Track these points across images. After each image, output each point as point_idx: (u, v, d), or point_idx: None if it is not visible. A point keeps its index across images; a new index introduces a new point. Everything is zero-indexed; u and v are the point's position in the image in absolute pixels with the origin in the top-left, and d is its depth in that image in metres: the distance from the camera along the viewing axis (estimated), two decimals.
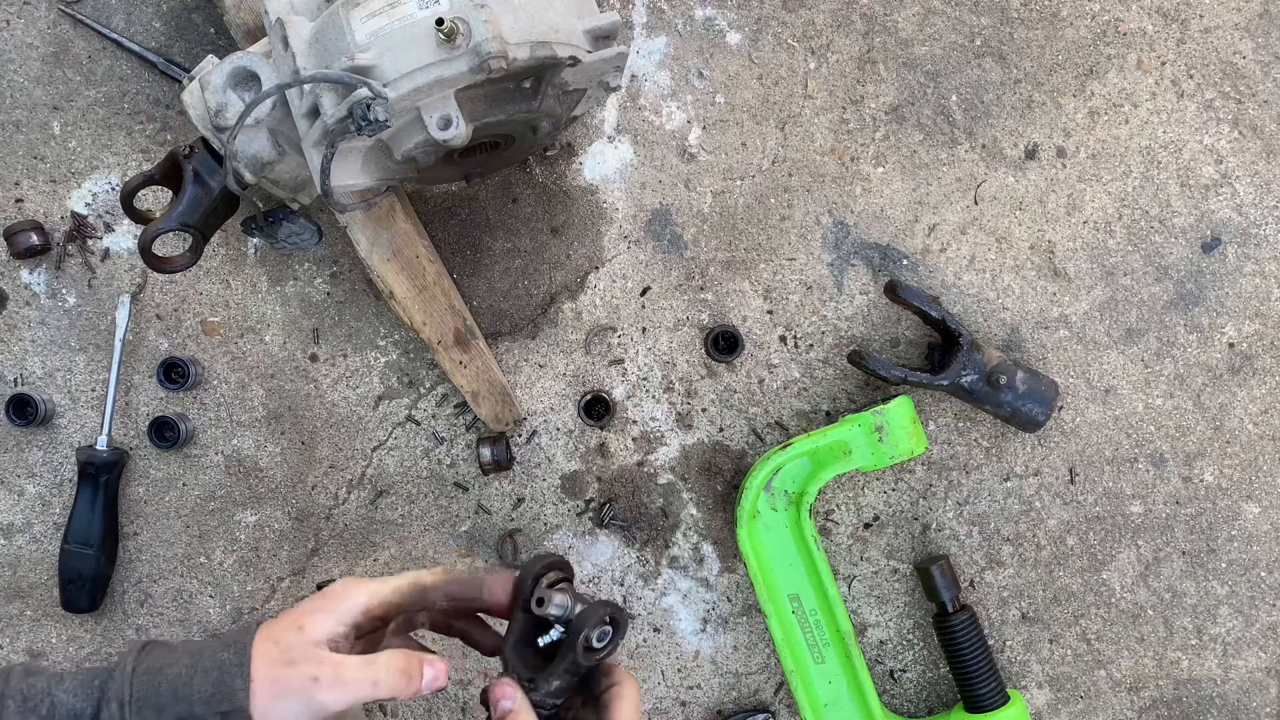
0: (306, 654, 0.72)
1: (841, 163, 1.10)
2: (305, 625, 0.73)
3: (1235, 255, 1.09)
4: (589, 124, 1.10)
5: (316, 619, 0.73)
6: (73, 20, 1.10)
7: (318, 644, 0.72)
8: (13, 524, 1.11)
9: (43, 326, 1.11)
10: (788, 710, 1.09)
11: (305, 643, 0.72)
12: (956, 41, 1.10)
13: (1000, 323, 1.09)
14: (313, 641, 0.72)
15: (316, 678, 0.71)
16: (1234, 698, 1.09)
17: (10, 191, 1.10)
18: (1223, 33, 1.10)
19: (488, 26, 0.80)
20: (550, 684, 0.78)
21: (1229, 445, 1.09)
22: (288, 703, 0.71)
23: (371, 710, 1.09)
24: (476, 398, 1.06)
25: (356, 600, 0.75)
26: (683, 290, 1.10)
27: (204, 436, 1.10)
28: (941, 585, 1.04)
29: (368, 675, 0.72)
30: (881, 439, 1.00)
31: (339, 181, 0.91)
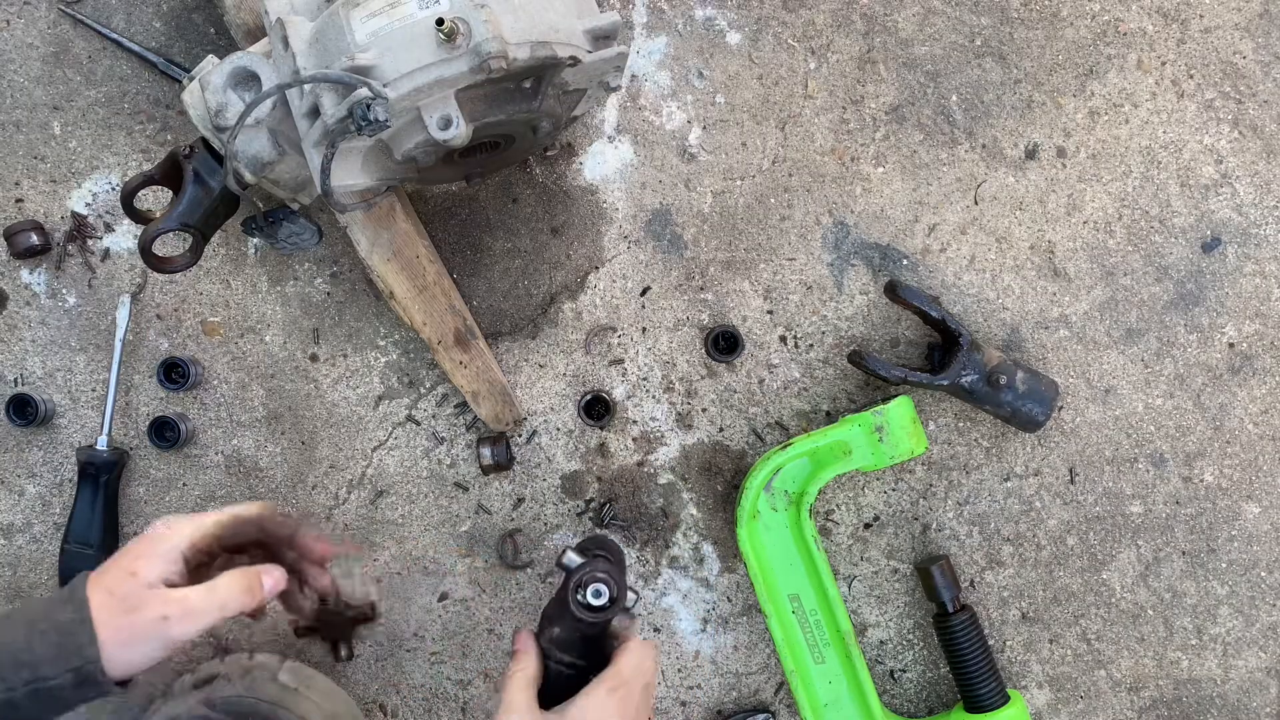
0: (148, 597, 0.74)
1: (841, 163, 1.10)
2: (138, 570, 0.75)
3: (1235, 255, 1.09)
4: (589, 124, 1.10)
5: (146, 563, 0.75)
6: (73, 20, 1.10)
7: (153, 586, 0.75)
8: (13, 524, 1.10)
9: (43, 326, 1.11)
10: (788, 710, 1.09)
11: (141, 588, 0.74)
12: (956, 41, 1.10)
13: (1000, 323, 1.09)
14: (148, 584, 0.75)
15: (166, 616, 0.74)
16: (1234, 698, 1.09)
17: (10, 191, 1.10)
18: (1223, 33, 1.10)
19: (488, 26, 0.80)
20: (552, 631, 0.85)
21: (1229, 445, 1.09)
22: (140, 646, 0.74)
23: (372, 710, 1.09)
24: (476, 398, 1.06)
25: (181, 536, 0.78)
26: (683, 290, 1.10)
27: (204, 436, 1.10)
28: (941, 585, 1.04)
29: (214, 601, 0.76)
30: (881, 439, 1.00)
31: (339, 181, 0.91)
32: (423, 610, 1.10)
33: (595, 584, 0.84)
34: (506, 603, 1.10)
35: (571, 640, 0.85)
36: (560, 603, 0.86)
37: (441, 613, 1.10)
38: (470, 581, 1.10)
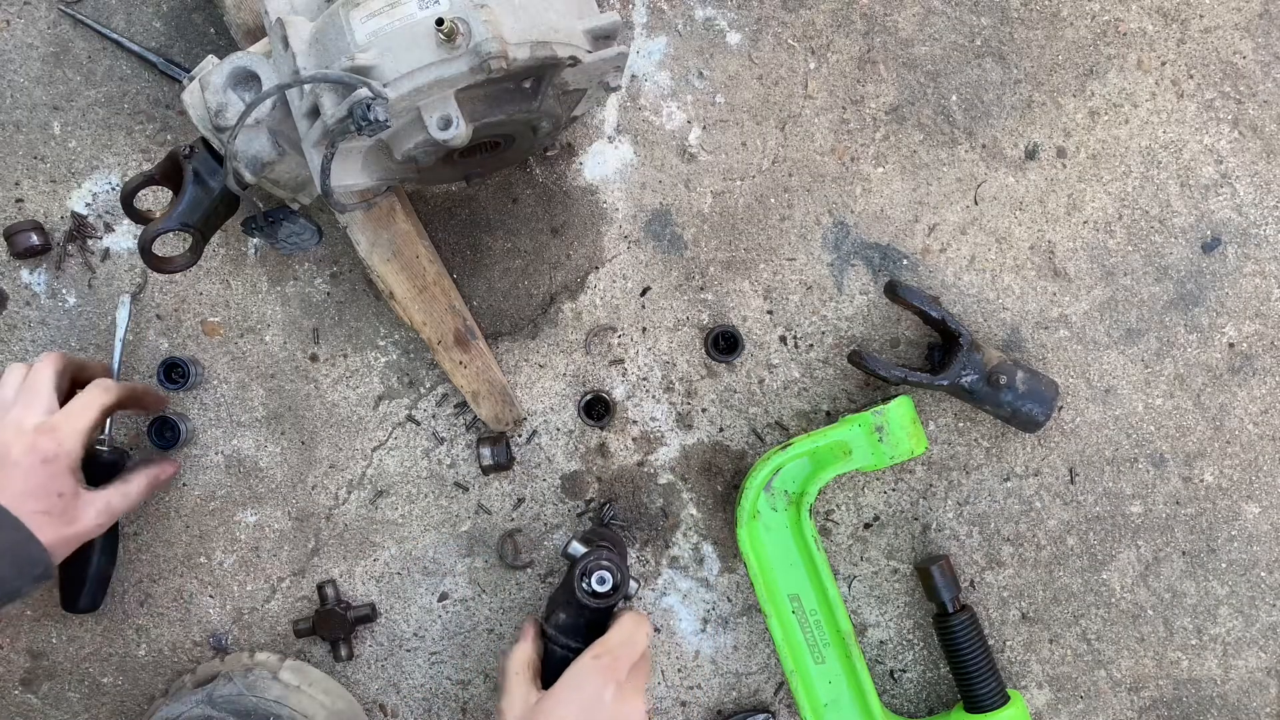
0: (79, 507, 0.93)
1: (841, 163, 1.10)
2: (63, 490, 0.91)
3: (1235, 255, 1.09)
4: (589, 124, 1.10)
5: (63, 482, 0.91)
6: (73, 20, 1.10)
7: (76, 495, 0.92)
8: None
9: (43, 326, 1.10)
10: (788, 710, 1.09)
11: (71, 500, 0.92)
12: (956, 41, 1.10)
13: (1000, 323, 1.09)
14: (73, 495, 0.92)
15: (101, 523, 0.95)
16: (1234, 698, 1.09)
17: (10, 191, 1.10)
18: (1223, 33, 1.10)
19: (488, 26, 0.80)
20: (558, 617, 0.91)
21: (1229, 445, 1.09)
22: (76, 542, 0.94)
23: (372, 710, 1.09)
24: (476, 398, 1.06)
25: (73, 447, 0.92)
26: (683, 290, 1.10)
27: (204, 436, 1.10)
28: (941, 585, 1.04)
29: (131, 502, 0.98)
30: (881, 439, 1.00)
31: (339, 181, 0.91)
32: (423, 610, 1.10)
33: (600, 571, 0.90)
34: (506, 603, 1.10)
35: (576, 625, 0.91)
36: (566, 589, 0.91)
37: (441, 613, 1.10)
38: (470, 581, 1.10)
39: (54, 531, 0.90)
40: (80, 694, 1.10)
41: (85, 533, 0.94)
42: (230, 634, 1.09)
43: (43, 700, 1.10)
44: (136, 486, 0.99)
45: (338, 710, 1.03)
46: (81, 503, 0.93)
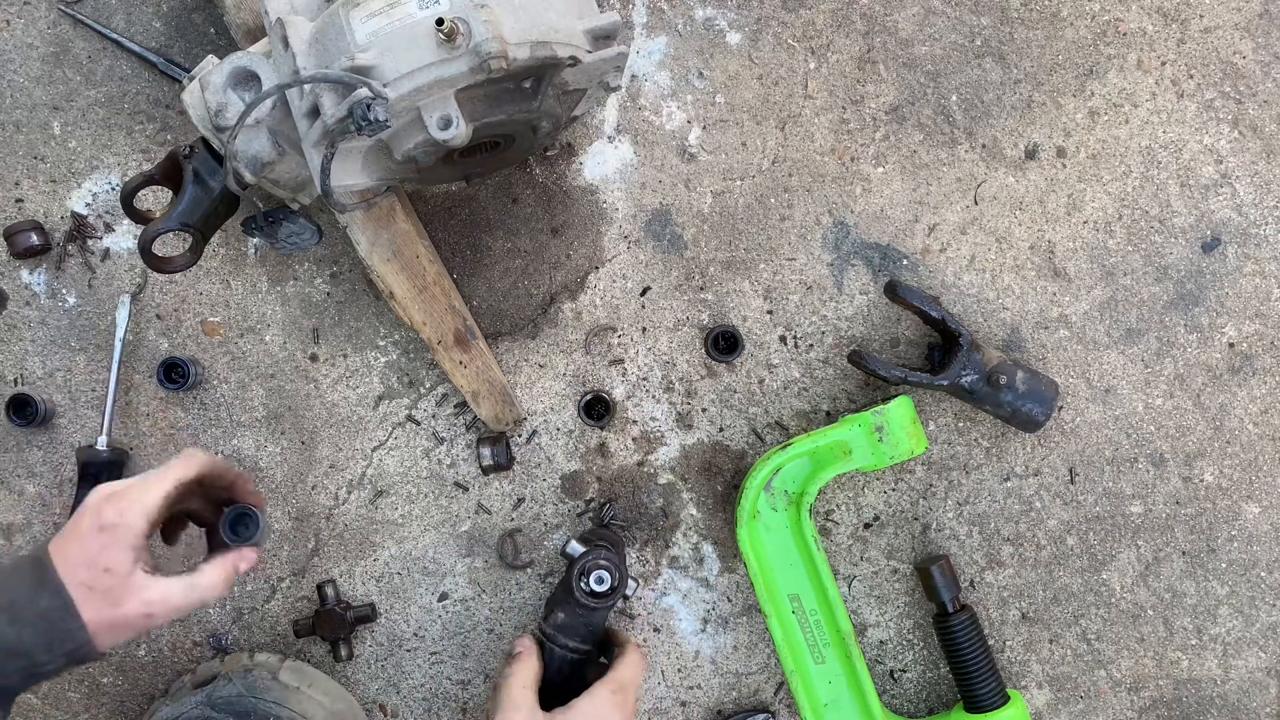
0: (129, 590, 0.78)
1: (841, 163, 1.10)
2: (112, 566, 0.77)
3: (1235, 255, 1.09)
4: (589, 124, 1.10)
5: (117, 556, 0.78)
6: (73, 20, 1.10)
7: (131, 575, 0.78)
8: (13, 524, 1.10)
9: (43, 326, 1.11)
10: (788, 710, 1.09)
11: (122, 579, 0.77)
12: (956, 41, 1.10)
13: (1000, 323, 1.09)
14: (126, 574, 0.78)
15: (150, 614, 0.78)
16: (1234, 698, 1.09)
17: (10, 191, 1.10)
18: (1223, 33, 1.10)
19: (488, 26, 0.80)
20: (556, 617, 0.91)
21: (1229, 445, 1.09)
22: (125, 632, 0.79)
23: (372, 710, 1.09)
24: (476, 398, 1.06)
25: (136, 523, 0.79)
26: (683, 290, 1.10)
27: (204, 436, 1.10)
28: (941, 585, 1.04)
29: (195, 597, 0.81)
30: (881, 439, 1.00)
31: (339, 181, 0.91)
32: (423, 610, 1.10)
33: (598, 570, 0.91)
34: (506, 603, 1.10)
35: (574, 626, 0.91)
36: (565, 589, 0.92)
37: (441, 613, 1.10)
38: (470, 581, 1.10)
39: (96, 610, 0.77)
40: (80, 694, 1.10)
41: (132, 621, 0.78)
42: (230, 634, 1.09)
43: (43, 700, 1.10)
44: (208, 579, 0.82)
45: (337, 711, 1.03)
46: (133, 585, 0.78)
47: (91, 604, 0.76)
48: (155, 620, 0.79)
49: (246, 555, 0.85)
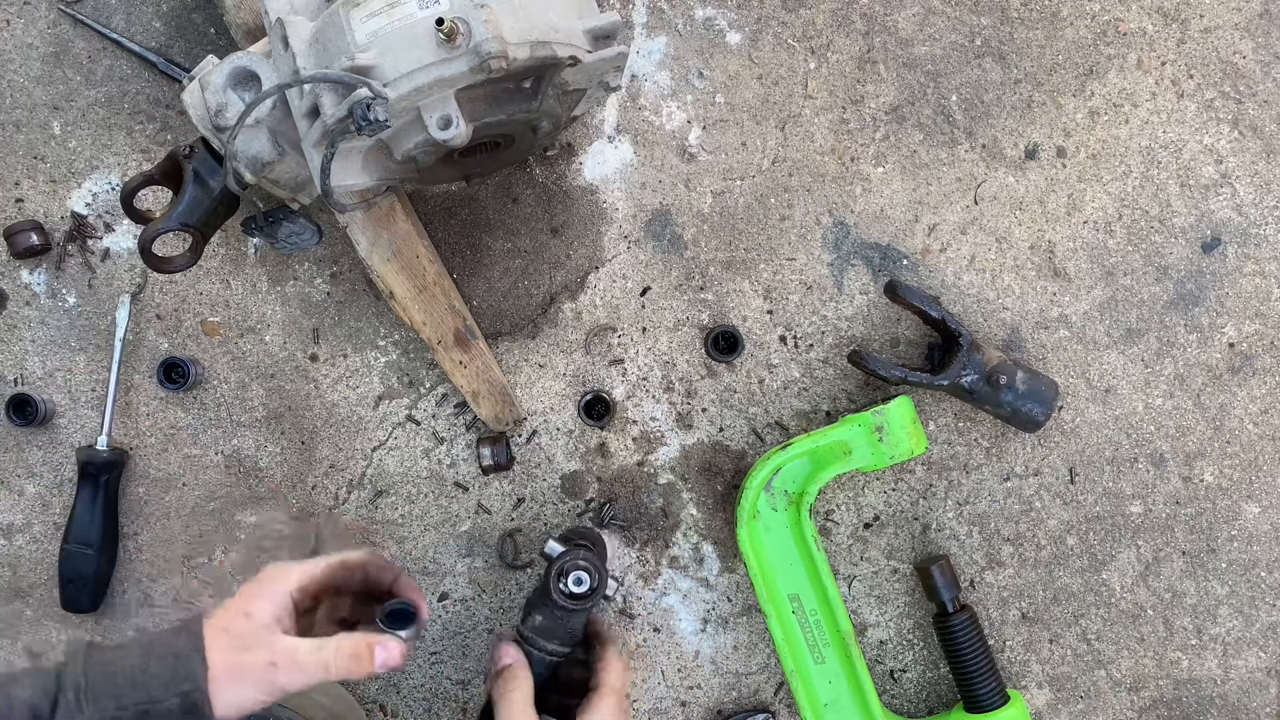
0: (259, 639, 0.76)
1: (841, 163, 1.10)
2: (251, 611, 0.77)
3: (1235, 255, 1.09)
4: (589, 124, 1.10)
5: (260, 604, 0.78)
6: (73, 20, 1.10)
7: (267, 628, 0.77)
8: (13, 524, 1.11)
9: (43, 326, 1.11)
10: (788, 710, 1.09)
11: (255, 628, 0.76)
12: (956, 41, 1.10)
13: (1000, 323, 1.09)
14: (262, 626, 0.77)
15: (274, 663, 0.75)
16: (1234, 698, 1.09)
17: (10, 191, 1.10)
18: (1223, 33, 1.10)
19: (488, 26, 0.80)
20: (534, 620, 0.88)
21: (1229, 445, 1.09)
22: (246, 687, 0.75)
23: (372, 710, 1.09)
24: (476, 398, 1.06)
25: (289, 580, 0.80)
26: (683, 290, 1.10)
27: (204, 436, 1.10)
28: (941, 585, 1.04)
29: (321, 659, 0.77)
30: (881, 439, 1.00)
31: (339, 181, 0.91)
32: None
33: (577, 571, 0.87)
34: (506, 603, 1.10)
35: (553, 628, 0.88)
36: (543, 592, 0.89)
37: (441, 613, 1.10)
38: (470, 581, 1.10)
39: (222, 653, 0.74)
40: None
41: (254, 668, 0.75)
42: None
43: None
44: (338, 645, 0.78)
45: (338, 711, 1.03)
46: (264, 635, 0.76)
47: (220, 647, 0.75)
48: (278, 675, 0.75)
49: (389, 645, 0.79)
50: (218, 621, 0.77)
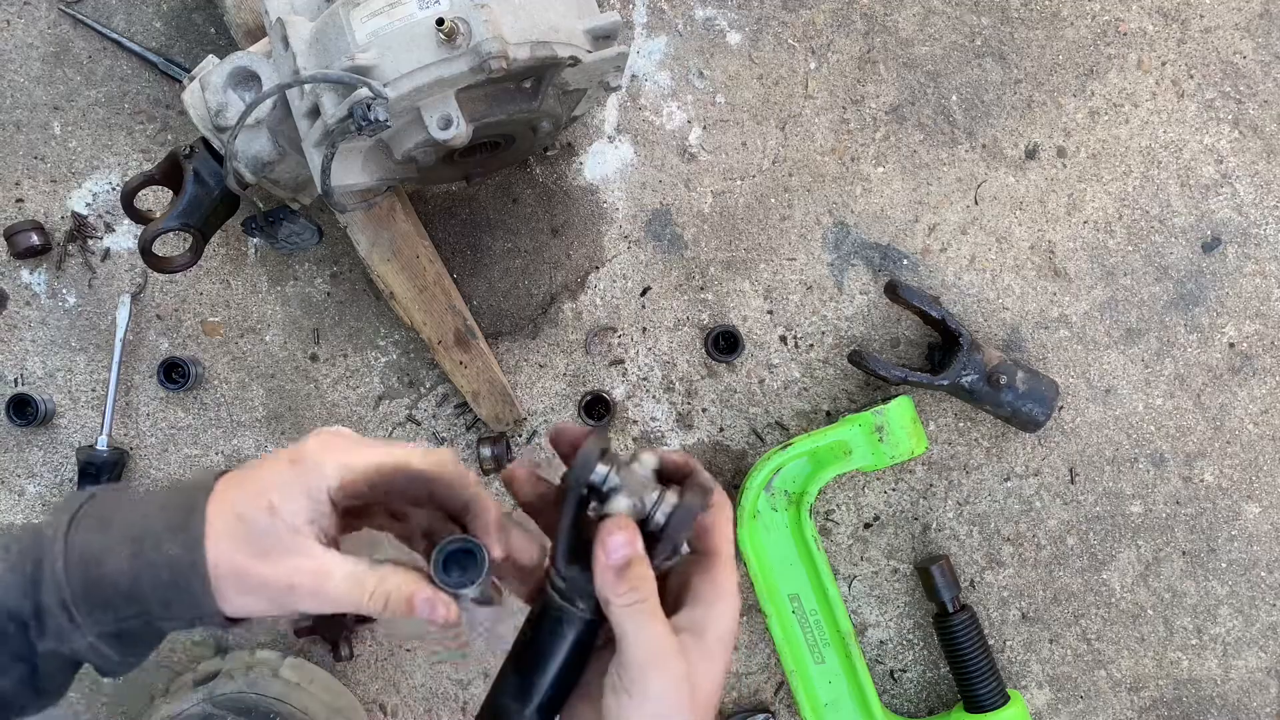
0: (281, 544, 0.59)
1: (842, 163, 1.10)
2: (276, 504, 0.59)
3: (1235, 255, 1.09)
4: (589, 124, 1.10)
5: (288, 497, 0.59)
6: (73, 20, 1.10)
7: (295, 531, 0.59)
8: (13, 524, 1.10)
9: (43, 326, 1.11)
10: (788, 710, 1.09)
11: (280, 529, 0.59)
12: (957, 41, 1.10)
13: (1000, 323, 1.09)
14: (289, 528, 0.59)
15: (293, 585, 0.59)
16: (1234, 698, 1.09)
17: (10, 191, 1.10)
18: (1223, 33, 1.10)
19: (488, 26, 0.80)
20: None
21: (1229, 445, 1.09)
22: (256, 600, 0.60)
23: (372, 710, 1.09)
24: (476, 398, 1.06)
25: (328, 469, 0.60)
26: (683, 290, 1.10)
27: (204, 436, 1.10)
28: (942, 585, 1.04)
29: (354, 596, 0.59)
30: (882, 439, 1.00)
31: (339, 181, 0.91)
32: None
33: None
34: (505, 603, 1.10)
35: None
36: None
37: None
38: None
39: (230, 553, 0.58)
40: (80, 693, 1.10)
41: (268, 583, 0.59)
42: (231, 634, 1.09)
43: None
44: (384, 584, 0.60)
45: (338, 707, 1.03)
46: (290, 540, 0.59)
47: (230, 543, 0.58)
48: (298, 599, 0.59)
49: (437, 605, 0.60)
50: (231, 504, 0.59)
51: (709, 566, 0.61)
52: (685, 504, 0.60)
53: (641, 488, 0.60)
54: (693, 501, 0.60)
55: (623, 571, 0.58)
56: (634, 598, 0.58)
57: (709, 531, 0.62)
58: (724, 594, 0.61)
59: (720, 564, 0.62)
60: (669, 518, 0.60)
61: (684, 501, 0.60)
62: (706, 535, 0.62)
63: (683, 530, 0.59)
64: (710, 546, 0.62)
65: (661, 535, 0.60)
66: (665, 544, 0.60)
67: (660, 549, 0.59)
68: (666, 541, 0.60)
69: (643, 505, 0.60)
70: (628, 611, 0.57)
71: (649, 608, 0.58)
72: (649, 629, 0.57)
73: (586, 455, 0.60)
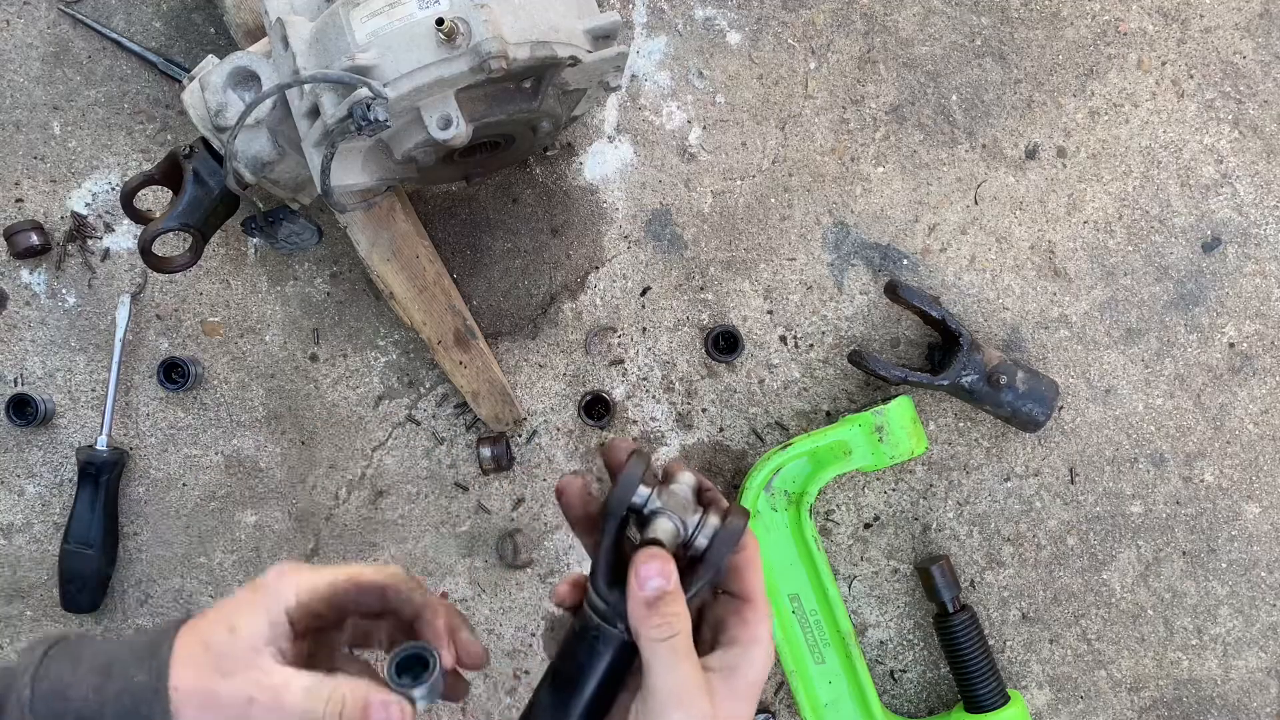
0: (241, 663, 0.61)
1: (842, 163, 1.10)
2: (237, 626, 0.62)
3: (1235, 255, 1.09)
4: (589, 124, 1.10)
5: (248, 618, 0.62)
6: (73, 20, 1.10)
7: (254, 650, 0.61)
8: (13, 524, 1.10)
9: (43, 326, 1.10)
10: (788, 710, 1.09)
11: (240, 649, 0.61)
12: (957, 41, 1.10)
13: (1000, 323, 1.09)
14: (249, 647, 0.61)
15: (252, 698, 0.60)
16: (1234, 698, 1.09)
17: (10, 191, 1.10)
18: (1223, 33, 1.10)
19: (488, 26, 0.80)
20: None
21: (1229, 445, 1.09)
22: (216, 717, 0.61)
23: None
24: (476, 398, 1.06)
25: (285, 592, 0.63)
26: (683, 290, 1.10)
27: (204, 436, 1.10)
28: (942, 585, 1.04)
29: (309, 707, 0.60)
30: (882, 439, 1.00)
31: (339, 181, 0.91)
32: None
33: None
34: (506, 603, 1.10)
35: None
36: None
37: None
38: (470, 582, 1.10)
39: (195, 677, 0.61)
40: None
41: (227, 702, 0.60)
42: None
43: None
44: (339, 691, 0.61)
45: None
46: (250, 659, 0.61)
47: (194, 664, 0.61)
48: (253, 710, 0.60)
49: (390, 707, 0.61)
50: (197, 632, 0.63)
51: (742, 609, 0.61)
52: (729, 527, 0.59)
53: (682, 509, 0.60)
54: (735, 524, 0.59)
55: (655, 604, 0.57)
56: (666, 633, 0.57)
57: (742, 572, 0.62)
58: (758, 638, 0.61)
59: (754, 607, 0.62)
60: (711, 540, 0.59)
61: (727, 525, 0.60)
62: (739, 576, 0.62)
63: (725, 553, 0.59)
64: (744, 589, 0.62)
65: (704, 558, 0.60)
66: (707, 568, 0.59)
67: (702, 572, 0.59)
68: (708, 566, 0.59)
69: (685, 528, 0.60)
70: (657, 646, 0.57)
71: (678, 643, 0.57)
72: (677, 666, 0.57)
73: (629, 478, 0.60)
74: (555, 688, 0.61)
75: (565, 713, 0.59)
